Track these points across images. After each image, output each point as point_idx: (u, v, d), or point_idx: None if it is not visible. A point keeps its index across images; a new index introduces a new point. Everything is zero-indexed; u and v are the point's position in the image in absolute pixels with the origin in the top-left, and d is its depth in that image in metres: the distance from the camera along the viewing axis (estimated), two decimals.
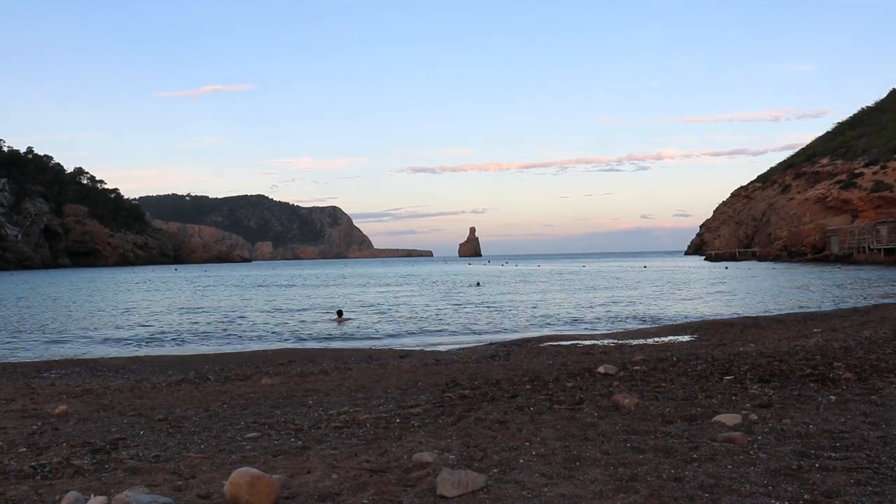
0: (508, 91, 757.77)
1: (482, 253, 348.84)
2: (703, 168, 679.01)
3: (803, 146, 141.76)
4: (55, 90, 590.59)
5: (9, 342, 19.20)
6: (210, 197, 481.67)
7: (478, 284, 49.29)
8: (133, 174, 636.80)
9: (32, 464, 5.16)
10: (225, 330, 21.66)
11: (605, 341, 15.57)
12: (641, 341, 15.22)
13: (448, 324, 22.50)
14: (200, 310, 30.44)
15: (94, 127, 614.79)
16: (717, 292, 35.22)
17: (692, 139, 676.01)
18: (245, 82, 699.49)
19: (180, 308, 31.60)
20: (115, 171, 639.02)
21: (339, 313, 25.61)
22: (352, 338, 19.24)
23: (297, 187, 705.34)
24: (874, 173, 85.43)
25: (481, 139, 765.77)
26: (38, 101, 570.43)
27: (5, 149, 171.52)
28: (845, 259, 73.61)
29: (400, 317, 25.49)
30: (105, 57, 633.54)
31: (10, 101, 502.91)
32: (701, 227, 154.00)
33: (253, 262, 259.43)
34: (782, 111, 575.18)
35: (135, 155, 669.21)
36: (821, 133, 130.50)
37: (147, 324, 24.21)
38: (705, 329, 17.67)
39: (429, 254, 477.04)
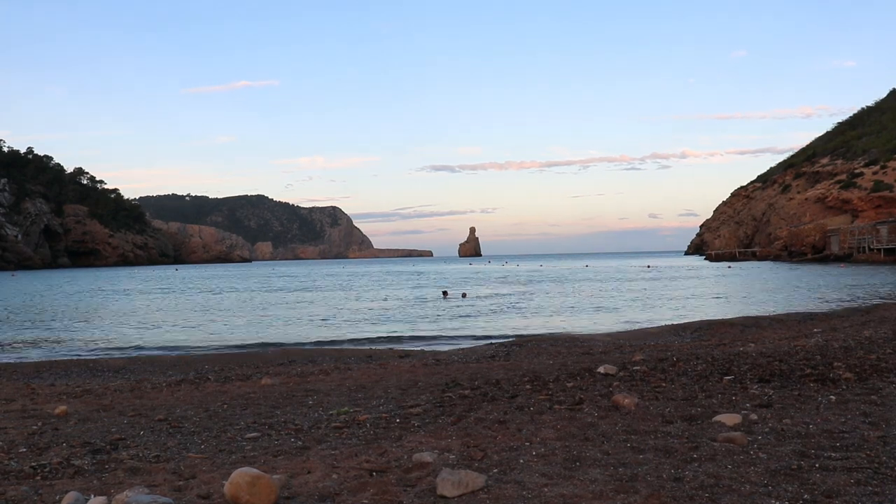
0: (535, 87, 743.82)
1: (482, 253, 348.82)
2: (723, 167, 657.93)
3: (803, 146, 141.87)
4: (62, 90, 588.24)
5: (9, 342, 19.20)
6: (210, 197, 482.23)
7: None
8: (141, 174, 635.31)
9: (32, 464, 5.16)
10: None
11: (605, 341, 15.57)
12: (641, 341, 15.22)
13: (447, 324, 22.50)
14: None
15: (100, 126, 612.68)
16: (718, 292, 35.22)
17: (719, 137, 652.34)
18: (271, 78, 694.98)
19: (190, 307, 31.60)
20: (126, 171, 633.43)
21: (445, 293, 33.99)
22: (353, 339, 19.26)
23: (313, 186, 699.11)
24: (874, 173, 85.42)
25: (502, 138, 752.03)
26: (42, 100, 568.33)
27: (5, 149, 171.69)
28: (845, 259, 73.63)
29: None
30: (123, 53, 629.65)
31: (12, 101, 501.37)
32: (701, 227, 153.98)
33: (253, 263, 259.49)
34: (817, 108, 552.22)
35: (144, 155, 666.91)
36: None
37: (148, 324, 24.23)
38: (705, 329, 17.66)
39: (429, 254, 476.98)
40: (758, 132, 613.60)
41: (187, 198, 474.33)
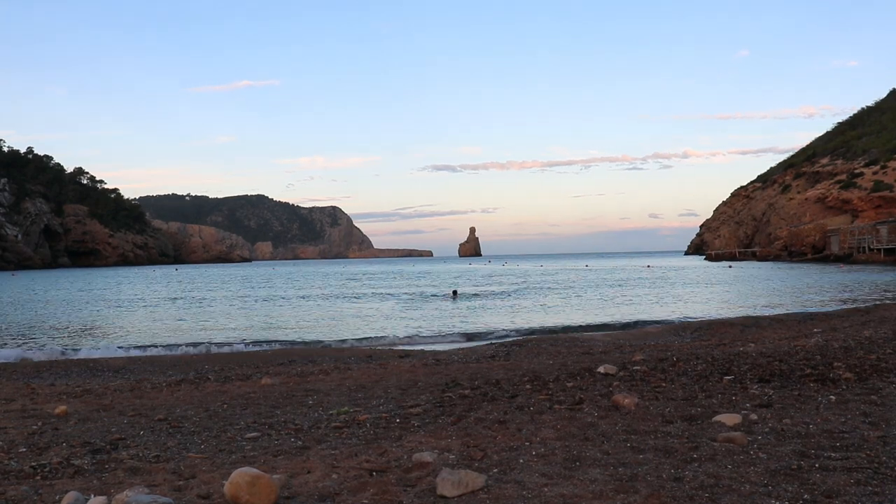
0: (537, 87, 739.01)
1: (482, 253, 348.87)
2: (725, 167, 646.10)
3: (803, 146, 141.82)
4: (63, 89, 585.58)
5: (10, 342, 19.20)
6: (210, 197, 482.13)
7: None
8: (142, 174, 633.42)
9: (32, 464, 5.16)
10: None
11: (605, 341, 15.57)
12: (641, 341, 15.22)
13: (447, 324, 22.50)
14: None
15: (101, 126, 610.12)
16: (718, 292, 35.22)
17: (721, 137, 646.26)
18: (272, 78, 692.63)
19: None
20: (127, 171, 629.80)
21: (454, 293, 34.65)
22: (353, 339, 19.25)
23: (315, 186, 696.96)
24: (874, 173, 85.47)
25: (503, 137, 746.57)
26: (43, 100, 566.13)
27: (5, 149, 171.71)
28: (845, 259, 73.65)
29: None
30: (125, 53, 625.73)
31: (13, 101, 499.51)
32: (701, 227, 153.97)
33: (253, 262, 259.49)
34: (820, 108, 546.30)
35: (145, 155, 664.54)
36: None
37: (151, 323, 24.23)
38: (705, 329, 17.66)
39: (429, 254, 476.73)
40: (760, 132, 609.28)
41: (187, 198, 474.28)
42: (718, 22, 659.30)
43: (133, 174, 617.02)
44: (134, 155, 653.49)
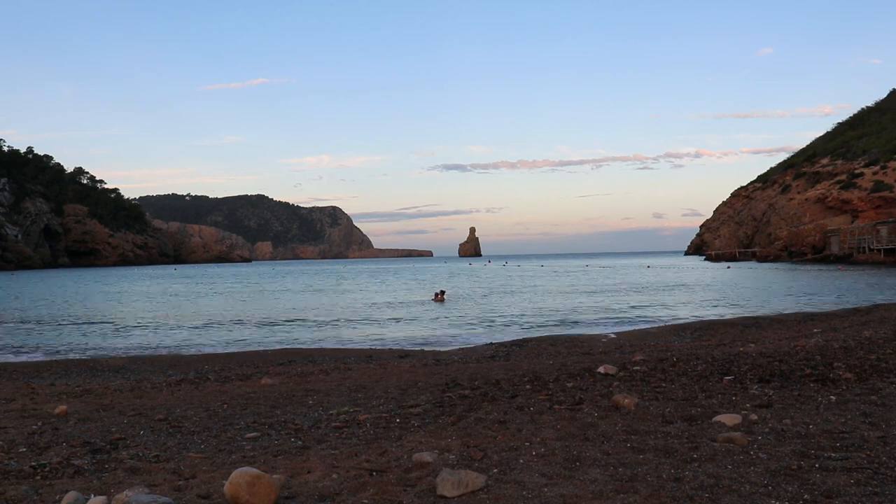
0: (548, 87, 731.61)
1: (482, 253, 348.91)
2: (736, 166, 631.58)
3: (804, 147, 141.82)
4: (70, 88, 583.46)
5: (9, 342, 19.19)
6: (210, 197, 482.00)
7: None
8: (145, 174, 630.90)
9: (32, 464, 5.16)
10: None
11: (605, 341, 15.57)
12: (641, 341, 15.22)
13: (446, 325, 22.49)
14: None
15: (107, 126, 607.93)
16: (718, 292, 35.21)
17: (736, 137, 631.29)
18: (286, 76, 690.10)
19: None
20: (133, 171, 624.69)
21: (439, 295, 32.02)
22: (352, 339, 19.25)
23: (322, 185, 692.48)
24: (874, 173, 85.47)
25: (513, 137, 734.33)
26: (48, 98, 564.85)
27: (5, 148, 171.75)
28: (845, 259, 73.65)
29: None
30: (133, 52, 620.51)
31: (15, 100, 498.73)
32: (701, 227, 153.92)
33: (253, 262, 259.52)
34: (837, 107, 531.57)
35: (150, 155, 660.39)
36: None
37: (151, 321, 24.23)
38: (705, 329, 17.67)
39: (429, 254, 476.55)
40: (775, 131, 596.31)
41: (187, 197, 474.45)
42: (739, 21, 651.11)
43: (136, 174, 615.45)
44: (138, 155, 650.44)
